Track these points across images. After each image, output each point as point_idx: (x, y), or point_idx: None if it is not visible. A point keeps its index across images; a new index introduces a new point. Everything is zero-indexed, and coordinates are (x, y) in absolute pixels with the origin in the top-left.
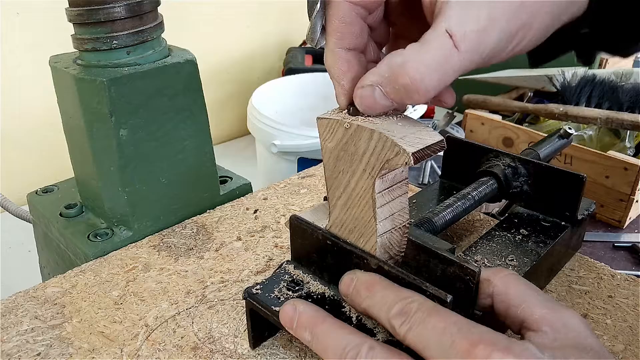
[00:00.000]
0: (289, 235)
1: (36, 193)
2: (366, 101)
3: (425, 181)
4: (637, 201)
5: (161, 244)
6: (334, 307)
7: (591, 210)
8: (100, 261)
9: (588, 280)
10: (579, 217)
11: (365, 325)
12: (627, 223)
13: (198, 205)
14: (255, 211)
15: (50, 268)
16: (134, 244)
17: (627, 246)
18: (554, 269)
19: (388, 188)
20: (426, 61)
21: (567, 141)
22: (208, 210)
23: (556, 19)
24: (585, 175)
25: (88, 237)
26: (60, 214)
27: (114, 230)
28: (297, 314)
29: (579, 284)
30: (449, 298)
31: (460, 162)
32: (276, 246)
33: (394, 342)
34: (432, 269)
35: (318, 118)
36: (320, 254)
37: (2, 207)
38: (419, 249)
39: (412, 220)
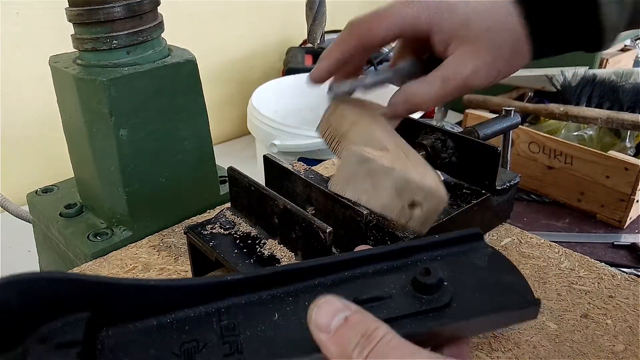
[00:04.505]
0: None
1: (36, 193)
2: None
3: None
4: (637, 201)
5: (161, 244)
6: (253, 243)
7: (514, 182)
8: (100, 261)
9: (588, 280)
10: (499, 187)
11: (275, 256)
12: (627, 223)
13: (198, 205)
14: None
15: (50, 268)
16: (134, 244)
17: (627, 245)
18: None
19: None
20: (429, 93)
21: (511, 120)
22: (208, 210)
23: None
24: (499, 147)
25: (88, 237)
26: (60, 214)
27: (114, 230)
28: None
29: (579, 284)
30: (328, 229)
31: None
32: None
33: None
34: (337, 213)
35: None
36: (249, 198)
37: (2, 207)
38: (327, 197)
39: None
